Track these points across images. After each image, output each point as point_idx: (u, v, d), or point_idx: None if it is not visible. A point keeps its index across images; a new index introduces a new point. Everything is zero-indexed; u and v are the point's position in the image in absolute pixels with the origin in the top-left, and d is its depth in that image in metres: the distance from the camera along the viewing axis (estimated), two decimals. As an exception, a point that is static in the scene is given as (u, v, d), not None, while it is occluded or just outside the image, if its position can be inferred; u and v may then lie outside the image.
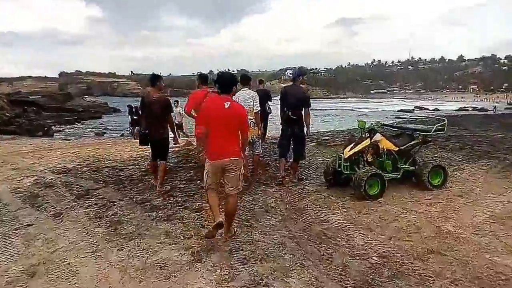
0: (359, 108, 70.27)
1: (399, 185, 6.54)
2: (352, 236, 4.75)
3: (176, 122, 12.95)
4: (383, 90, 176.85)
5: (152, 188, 6.86)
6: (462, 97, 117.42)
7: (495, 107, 56.14)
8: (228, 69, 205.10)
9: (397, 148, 6.48)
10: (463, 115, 23.88)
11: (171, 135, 7.02)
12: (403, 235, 4.74)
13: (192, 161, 8.90)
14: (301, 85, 7.19)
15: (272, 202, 6.08)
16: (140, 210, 5.80)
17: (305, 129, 7.08)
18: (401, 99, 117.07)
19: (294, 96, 6.97)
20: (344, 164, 6.32)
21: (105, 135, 25.27)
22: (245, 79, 7.28)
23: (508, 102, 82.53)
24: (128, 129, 18.13)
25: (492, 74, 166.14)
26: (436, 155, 8.74)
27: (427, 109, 64.57)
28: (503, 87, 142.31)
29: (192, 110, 6.81)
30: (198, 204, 5.98)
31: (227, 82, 4.58)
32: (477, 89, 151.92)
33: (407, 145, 6.58)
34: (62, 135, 24.44)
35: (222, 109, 4.36)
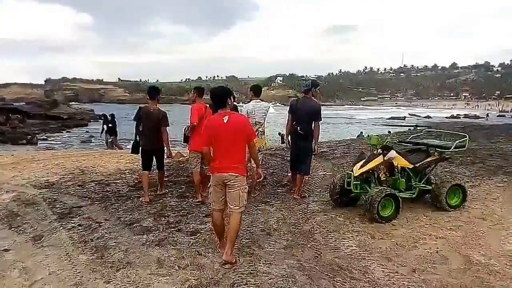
0: (351, 116, 69.99)
1: (411, 205, 6.03)
2: (369, 267, 4.20)
3: None
4: (373, 98, 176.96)
5: (141, 205, 6.46)
6: (453, 105, 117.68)
7: (487, 115, 56.56)
8: (217, 76, 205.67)
9: (411, 166, 5.95)
10: (469, 125, 23.09)
11: None
12: (428, 266, 4.20)
13: (184, 174, 8.42)
14: (312, 97, 6.69)
15: (274, 223, 5.57)
16: (128, 232, 5.29)
17: (312, 143, 6.56)
18: (394, 107, 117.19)
19: (305, 112, 6.52)
20: (354, 182, 5.78)
21: (90, 143, 24.68)
22: (257, 89, 7.10)
23: (500, 109, 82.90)
24: (106, 137, 17.77)
25: (485, 82, 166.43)
26: (445, 169, 8.21)
27: (419, 116, 65.66)
28: (495, 94, 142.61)
29: None
30: (193, 226, 5.48)
31: (218, 97, 4.50)
32: (469, 96, 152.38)
33: (422, 162, 6.05)
34: (46, 143, 23.76)
35: (222, 124, 4.31)
